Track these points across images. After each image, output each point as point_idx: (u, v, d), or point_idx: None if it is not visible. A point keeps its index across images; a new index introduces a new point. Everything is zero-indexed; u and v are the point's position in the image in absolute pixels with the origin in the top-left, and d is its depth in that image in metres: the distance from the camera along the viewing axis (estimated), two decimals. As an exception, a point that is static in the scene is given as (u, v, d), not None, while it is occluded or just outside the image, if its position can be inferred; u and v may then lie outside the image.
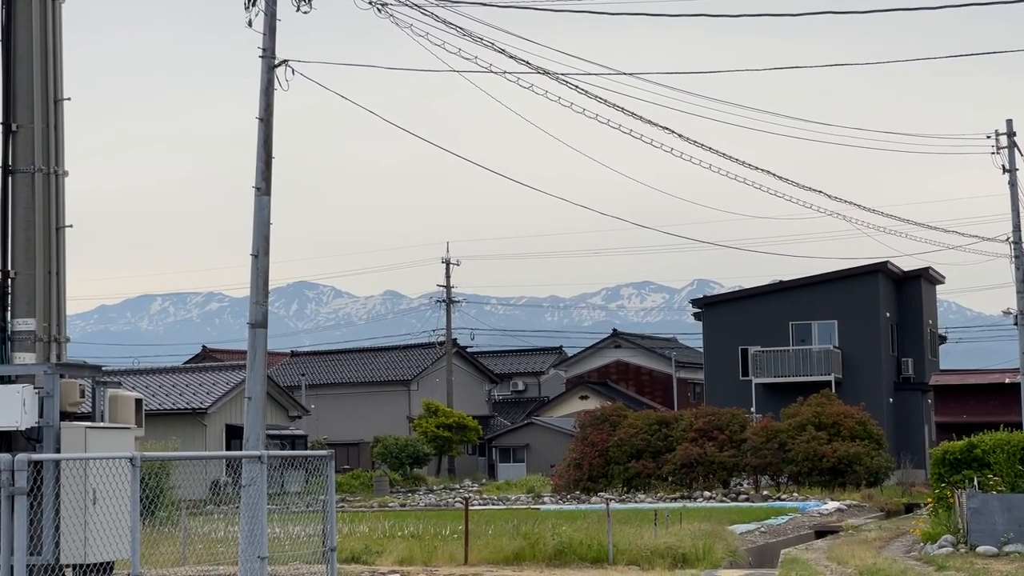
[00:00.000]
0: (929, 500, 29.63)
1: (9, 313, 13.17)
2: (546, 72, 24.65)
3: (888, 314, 59.18)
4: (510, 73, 24.60)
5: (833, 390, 53.66)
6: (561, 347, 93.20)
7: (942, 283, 64.93)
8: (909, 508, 41.81)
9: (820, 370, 57.01)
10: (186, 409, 54.25)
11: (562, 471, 51.39)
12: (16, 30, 13.29)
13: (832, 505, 40.09)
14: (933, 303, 64.67)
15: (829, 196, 39.62)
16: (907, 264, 61.17)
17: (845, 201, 41.25)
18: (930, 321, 62.92)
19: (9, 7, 13.37)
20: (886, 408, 56.80)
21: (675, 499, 44.12)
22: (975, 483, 26.31)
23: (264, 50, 23.51)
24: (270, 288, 23.82)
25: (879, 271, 58.87)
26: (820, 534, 32.49)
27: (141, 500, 12.21)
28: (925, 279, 61.97)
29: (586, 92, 26.02)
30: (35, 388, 12.59)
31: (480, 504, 44.12)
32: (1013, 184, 43.62)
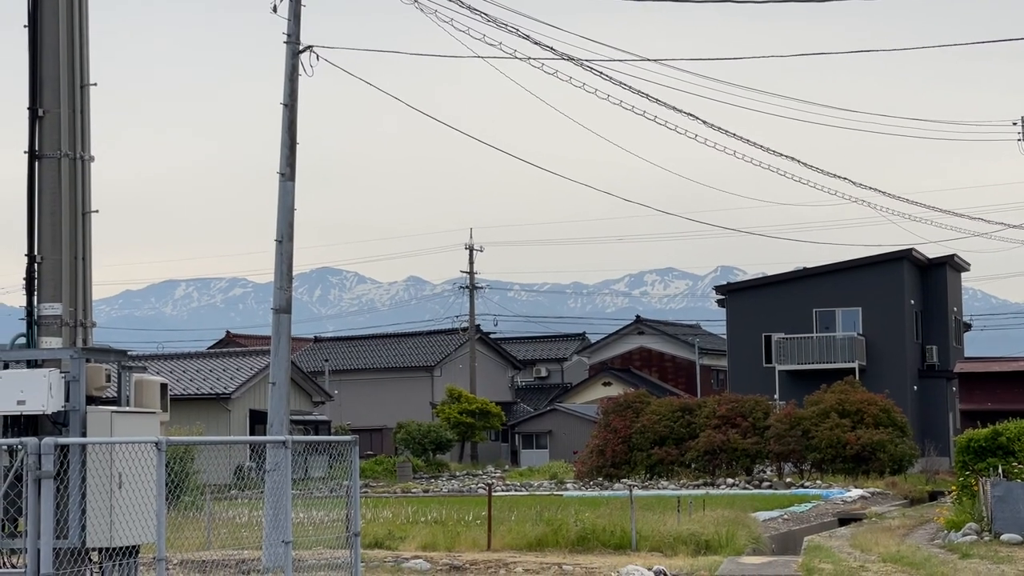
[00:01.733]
0: (953, 488, 29.53)
1: (36, 297, 13.22)
2: (571, 58, 24.63)
3: (913, 301, 59.00)
4: (535, 59, 24.59)
5: (857, 377, 53.53)
6: (584, 333, 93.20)
7: (967, 270, 64.68)
8: (933, 496, 41.70)
9: (844, 357, 56.85)
10: (210, 394, 54.43)
11: (585, 457, 51.41)
12: (43, 15, 13.33)
13: (855, 493, 40.00)
14: (958, 290, 64.44)
15: (854, 183, 39.57)
16: (932, 251, 61.05)
17: (870, 188, 41.20)
18: (955, 308, 62.69)
19: (36, -7, 13.39)
20: (910, 395, 56.63)
21: (698, 486, 44.09)
22: (1000, 471, 26.22)
23: (289, 36, 23.58)
24: (293, 274, 23.90)
25: (904, 258, 58.69)
26: (843, 522, 32.44)
27: (166, 484, 12.26)
28: (950, 266, 61.74)
29: (611, 78, 26.00)
30: (61, 372, 12.64)
31: (503, 490, 44.18)
32: (1039, 171, 43.34)
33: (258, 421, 52.79)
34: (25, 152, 13.30)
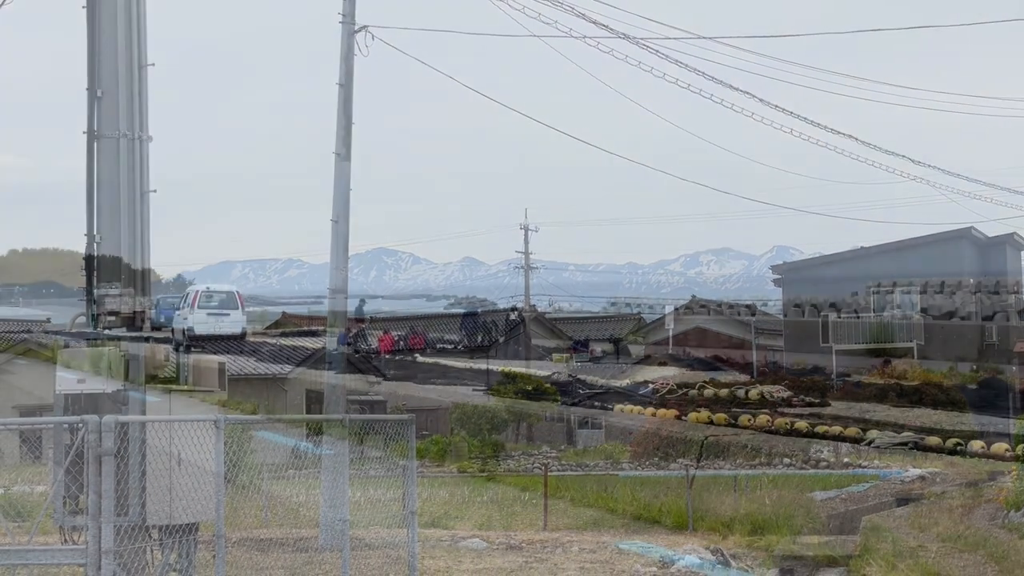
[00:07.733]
0: (1013, 468, 29.27)
1: (95, 278, 13.29)
2: (626, 36, 24.52)
3: (972, 280, 58.47)
4: (590, 38, 24.50)
5: (915, 356, 53.14)
6: (639, 313, 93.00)
7: (1027, 249, 64.11)
8: (993, 476, 41.34)
9: (902, 336, 56.45)
10: (266, 374, 54.70)
11: (640, 438, 51.34)
12: (100, -4, 13.38)
13: (914, 473, 39.72)
14: (1018, 269, 63.85)
15: (913, 161, 39.26)
16: (992, 230, 60.47)
17: (929, 166, 40.82)
18: (1015, 287, 62.10)
19: (93, -26, 13.43)
20: (969, 374, 56.14)
21: (754, 466, 43.93)
22: (1061, 451, 25.95)
23: (344, 15, 23.62)
24: (349, 254, 23.97)
25: (963, 237, 58.22)
26: (902, 502, 32.20)
27: (224, 463, 12.33)
28: (1010, 245, 61.20)
29: (667, 56, 25.86)
30: (121, 351, 12.73)
31: (558, 470, 44.17)
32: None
33: (314, 401, 53.04)
34: (84, 132, 13.37)
